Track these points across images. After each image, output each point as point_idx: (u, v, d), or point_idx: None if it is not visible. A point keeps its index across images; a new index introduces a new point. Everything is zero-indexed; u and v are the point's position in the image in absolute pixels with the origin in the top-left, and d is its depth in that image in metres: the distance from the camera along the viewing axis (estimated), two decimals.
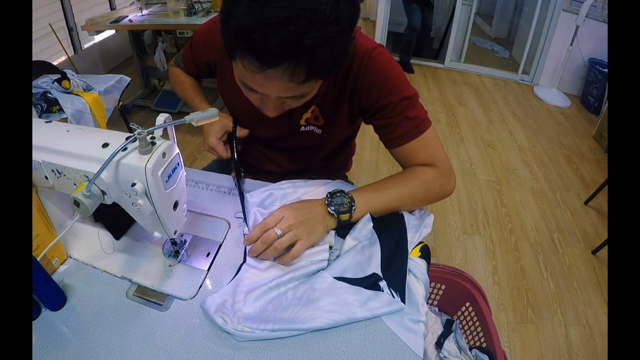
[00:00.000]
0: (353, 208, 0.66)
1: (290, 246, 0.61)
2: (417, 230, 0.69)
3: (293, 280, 0.59)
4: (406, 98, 0.69)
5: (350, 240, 0.65)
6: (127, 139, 0.49)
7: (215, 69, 0.82)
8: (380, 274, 0.60)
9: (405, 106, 0.69)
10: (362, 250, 0.63)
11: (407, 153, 0.72)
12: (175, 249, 0.65)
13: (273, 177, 0.85)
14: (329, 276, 0.59)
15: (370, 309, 0.55)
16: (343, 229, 0.67)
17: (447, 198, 0.75)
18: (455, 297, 1.10)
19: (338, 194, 0.67)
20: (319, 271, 0.60)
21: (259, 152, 0.91)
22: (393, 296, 0.57)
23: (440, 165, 0.72)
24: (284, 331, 0.52)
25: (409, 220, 0.70)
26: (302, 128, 0.79)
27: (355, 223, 0.67)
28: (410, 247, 0.65)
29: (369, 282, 0.59)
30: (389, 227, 0.67)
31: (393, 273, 0.60)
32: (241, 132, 0.83)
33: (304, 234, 0.61)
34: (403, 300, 0.57)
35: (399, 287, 0.59)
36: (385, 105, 0.69)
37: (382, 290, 0.58)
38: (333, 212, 0.65)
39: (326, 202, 0.66)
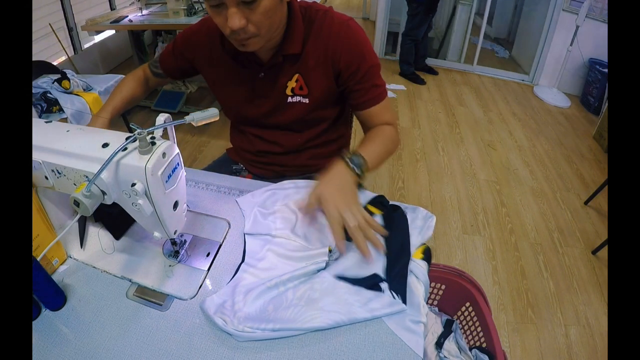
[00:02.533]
0: (366, 167, 0.74)
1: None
2: (420, 232, 0.69)
3: (292, 280, 0.59)
4: (374, 66, 0.81)
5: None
6: (127, 139, 0.50)
7: (198, 65, 0.90)
8: (382, 275, 0.60)
9: (373, 74, 0.82)
10: None
11: (373, 114, 0.86)
12: (175, 249, 0.65)
13: (277, 157, 0.93)
14: (329, 276, 0.59)
15: (371, 309, 0.55)
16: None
17: (446, 198, 0.76)
18: (455, 297, 1.10)
19: (352, 156, 0.73)
20: (318, 271, 0.60)
21: (255, 136, 0.94)
22: (394, 297, 0.57)
23: (394, 123, 0.89)
24: (285, 331, 0.52)
25: (412, 221, 0.70)
26: (290, 99, 0.84)
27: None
28: (412, 249, 0.65)
29: (370, 283, 0.59)
30: (391, 228, 0.67)
31: (395, 274, 0.60)
32: None
33: (352, 203, 0.66)
34: (404, 302, 0.57)
35: (400, 288, 0.58)
36: (357, 70, 0.79)
37: (383, 292, 0.58)
38: (358, 172, 0.72)
39: (350, 165, 0.72)
